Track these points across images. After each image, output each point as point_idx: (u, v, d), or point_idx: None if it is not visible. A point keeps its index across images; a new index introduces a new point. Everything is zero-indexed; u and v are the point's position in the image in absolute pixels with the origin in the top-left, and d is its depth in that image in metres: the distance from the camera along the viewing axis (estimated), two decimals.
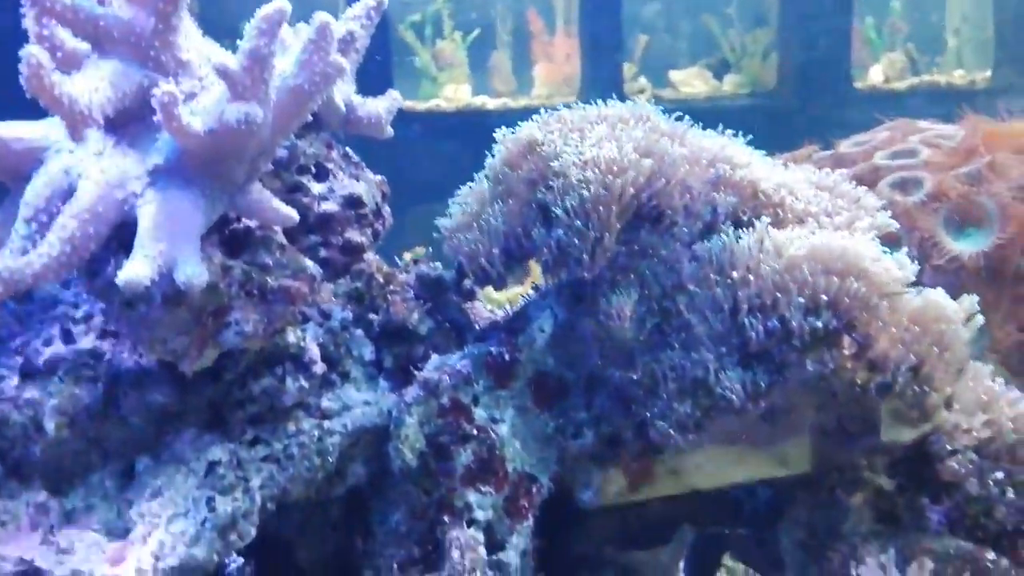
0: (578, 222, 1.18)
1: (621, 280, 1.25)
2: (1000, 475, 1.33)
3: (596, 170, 1.18)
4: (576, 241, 1.20)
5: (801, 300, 1.13)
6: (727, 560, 1.82)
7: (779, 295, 1.14)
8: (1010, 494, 1.34)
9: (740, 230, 1.20)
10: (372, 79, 2.94)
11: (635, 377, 1.24)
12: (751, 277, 1.16)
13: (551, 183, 1.20)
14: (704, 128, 1.31)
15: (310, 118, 1.15)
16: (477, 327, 1.36)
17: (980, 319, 1.22)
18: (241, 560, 1.33)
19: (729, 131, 1.30)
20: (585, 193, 1.17)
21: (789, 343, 1.15)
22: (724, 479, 1.33)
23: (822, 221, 1.22)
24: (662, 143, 1.23)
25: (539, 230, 1.24)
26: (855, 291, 1.13)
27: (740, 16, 3.48)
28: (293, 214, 1.15)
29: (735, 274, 1.16)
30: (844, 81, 3.16)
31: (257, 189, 1.13)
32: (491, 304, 1.49)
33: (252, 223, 1.15)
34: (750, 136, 1.32)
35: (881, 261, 1.17)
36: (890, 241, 1.41)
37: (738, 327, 1.17)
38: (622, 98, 3.10)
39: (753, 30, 3.40)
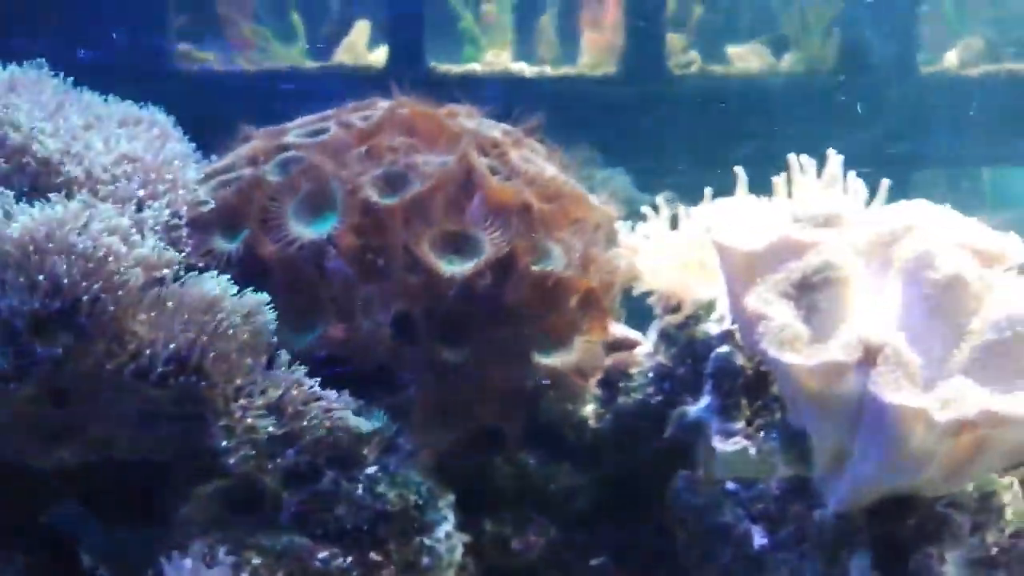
0: None
1: None
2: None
3: None
4: None
5: (22, 280, 1.06)
6: None
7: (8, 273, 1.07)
8: (359, 491, 1.31)
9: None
10: (403, 40, 2.86)
11: None
12: None
13: None
14: (752, 107, 1.20)
15: None
16: None
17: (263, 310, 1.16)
18: None
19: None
20: None
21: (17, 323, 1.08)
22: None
23: (103, 192, 1.15)
24: None
25: None
26: (82, 273, 1.06)
27: None
28: None
29: None
30: (909, 64, 2.98)
31: None
32: None
33: None
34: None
35: (140, 243, 1.10)
36: (227, 219, 1.35)
37: None
38: (665, 70, 3.01)
39: (816, 5, 3.19)
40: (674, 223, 1.56)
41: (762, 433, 1.35)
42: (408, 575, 1.30)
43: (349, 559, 1.27)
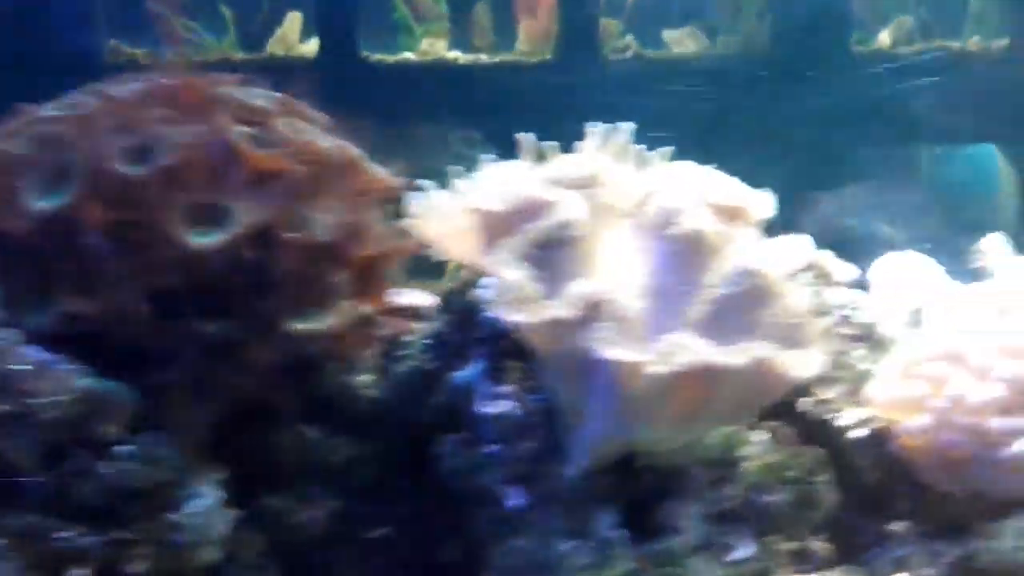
0: None
1: None
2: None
3: None
4: None
5: None
6: None
7: None
8: (107, 469, 1.28)
9: None
10: (334, 30, 2.81)
11: None
12: None
13: None
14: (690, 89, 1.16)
15: None
16: None
17: None
18: None
19: None
20: None
21: None
22: None
23: None
24: None
25: None
26: None
27: None
28: None
29: None
30: (841, 43, 2.95)
31: None
32: None
33: None
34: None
35: None
36: None
37: None
38: (598, 55, 2.97)
39: None
40: None
41: (527, 395, 1.36)
42: (160, 552, 1.28)
43: (96, 537, 1.25)
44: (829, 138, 2.95)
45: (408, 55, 3.12)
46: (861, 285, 1.71)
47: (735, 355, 1.10)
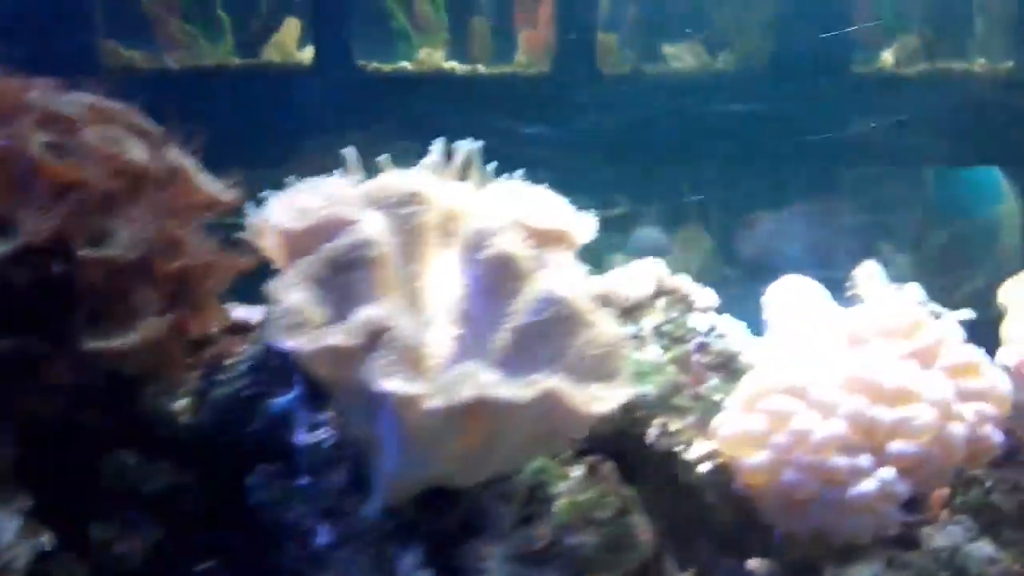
0: None
1: None
2: None
3: None
4: None
5: None
6: None
7: None
8: None
9: None
10: (329, 38, 2.77)
11: None
12: None
13: None
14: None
15: None
16: None
17: None
18: None
19: None
20: None
21: None
22: None
23: None
24: None
25: None
26: None
27: None
28: None
29: None
30: (841, 63, 2.92)
31: None
32: None
33: None
34: None
35: None
36: None
37: None
38: (595, 68, 2.90)
39: (751, 3, 3.09)
40: None
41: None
42: None
43: None
44: (826, 155, 2.91)
45: (405, 64, 3.10)
46: None
47: (521, 389, 1.02)
